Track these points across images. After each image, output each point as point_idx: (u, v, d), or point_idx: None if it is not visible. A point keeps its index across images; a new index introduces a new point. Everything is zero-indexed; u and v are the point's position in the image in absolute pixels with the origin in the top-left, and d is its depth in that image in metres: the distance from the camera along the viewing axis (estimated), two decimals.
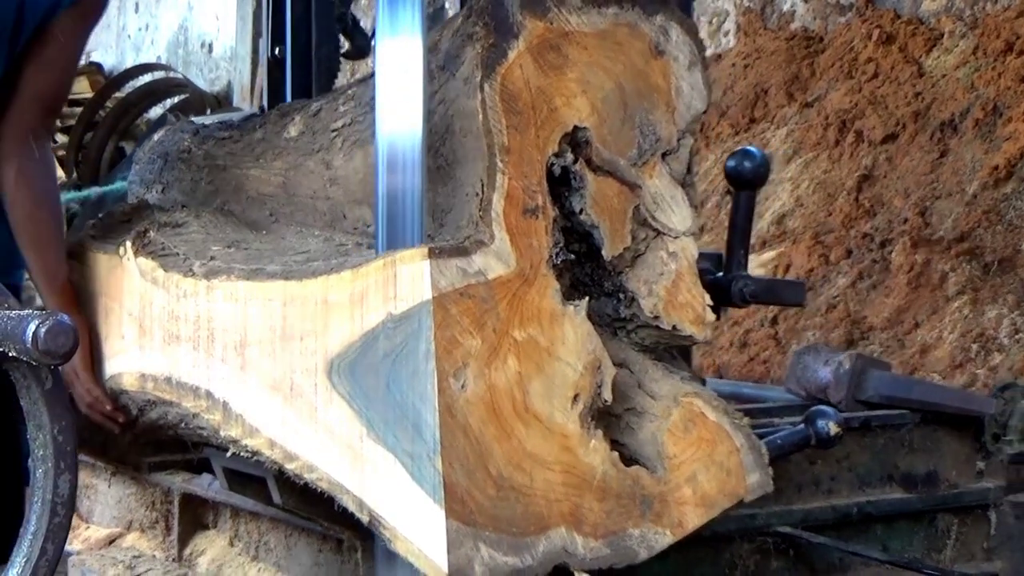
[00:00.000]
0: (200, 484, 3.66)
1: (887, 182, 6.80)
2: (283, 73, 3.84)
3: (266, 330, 2.34)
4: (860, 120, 7.17)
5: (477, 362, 2.11)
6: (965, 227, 6.21)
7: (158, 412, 2.73)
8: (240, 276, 2.45)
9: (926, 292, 6.07)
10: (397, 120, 2.18)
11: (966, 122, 6.68)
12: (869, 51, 7.50)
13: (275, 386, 2.32)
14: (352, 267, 2.17)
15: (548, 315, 2.18)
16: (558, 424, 2.17)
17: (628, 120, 2.29)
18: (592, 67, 2.26)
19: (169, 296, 2.63)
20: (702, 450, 2.30)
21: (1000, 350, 5.64)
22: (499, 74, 2.18)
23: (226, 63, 12.82)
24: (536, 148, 2.20)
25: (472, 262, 2.11)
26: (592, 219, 2.25)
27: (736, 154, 2.78)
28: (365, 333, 2.13)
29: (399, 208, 2.17)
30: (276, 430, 2.33)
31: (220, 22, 13.20)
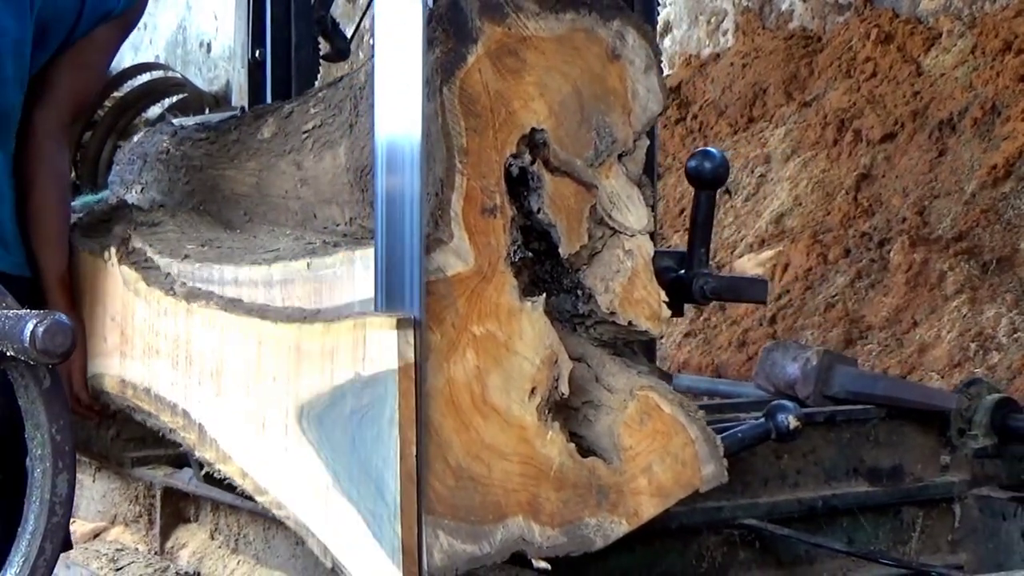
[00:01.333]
0: (181, 478, 3.73)
1: (885, 181, 6.84)
2: (263, 75, 3.90)
3: (241, 363, 2.43)
4: (858, 119, 7.21)
5: (436, 356, 2.18)
6: (963, 226, 6.25)
7: (140, 417, 2.81)
8: (218, 305, 2.52)
9: (924, 291, 6.14)
10: (396, 120, 2.21)
11: (964, 121, 6.72)
12: (867, 50, 7.54)
13: (248, 419, 2.40)
14: (324, 321, 2.24)
15: (506, 311, 2.25)
16: (516, 416, 2.25)
17: (585, 122, 2.36)
18: (550, 71, 2.33)
19: (150, 310, 2.71)
20: (657, 442, 2.37)
21: (999, 349, 5.72)
22: (458, 78, 2.25)
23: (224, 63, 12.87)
24: (494, 149, 2.27)
25: (431, 260, 2.19)
26: (549, 218, 2.32)
27: (696, 155, 2.85)
28: (334, 388, 2.21)
29: (398, 209, 2.20)
30: (248, 461, 2.42)
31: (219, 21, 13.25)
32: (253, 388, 2.39)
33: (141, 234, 2.87)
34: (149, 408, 2.70)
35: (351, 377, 2.18)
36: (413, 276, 2.16)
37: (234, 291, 2.57)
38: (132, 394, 2.75)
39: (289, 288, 2.45)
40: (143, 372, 2.73)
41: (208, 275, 2.64)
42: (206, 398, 2.53)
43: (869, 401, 3.53)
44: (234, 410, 2.45)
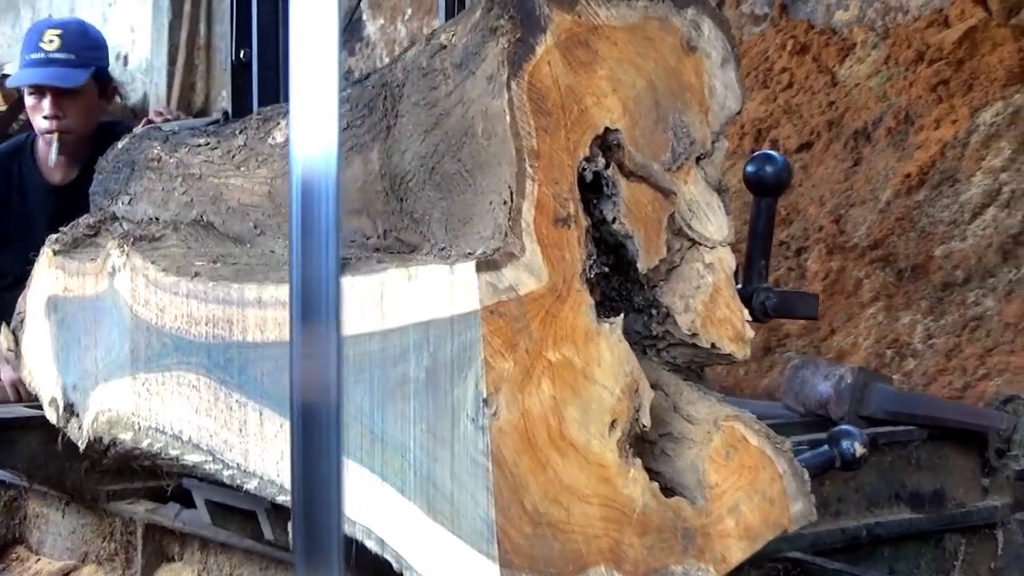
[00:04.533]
0: (166, 514, 3.45)
1: (802, 190, 6.79)
2: (248, 77, 3.63)
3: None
4: (775, 129, 7.16)
5: (510, 386, 1.92)
6: (879, 234, 6.22)
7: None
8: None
9: (841, 299, 6.09)
10: (311, 138, 1.92)
11: (879, 131, 6.71)
12: (783, 61, 7.46)
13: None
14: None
15: (583, 334, 2.00)
16: (595, 453, 1.99)
17: (661, 121, 2.11)
18: (623, 64, 2.08)
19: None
20: (744, 478, 2.13)
21: (914, 355, 5.68)
22: (526, 71, 1.99)
23: (142, 75, 12.56)
24: (566, 152, 2.02)
25: (502, 276, 1.93)
26: (626, 228, 2.07)
27: (756, 158, 2.61)
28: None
29: (314, 239, 1.92)
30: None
31: (135, 34, 12.95)
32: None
33: (141, 250, 2.58)
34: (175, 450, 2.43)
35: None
36: (329, 303, 1.87)
37: (257, 313, 2.29)
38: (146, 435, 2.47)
39: None
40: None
41: (225, 295, 2.36)
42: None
43: (910, 422, 3.31)
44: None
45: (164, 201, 2.90)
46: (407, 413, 2.02)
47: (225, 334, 2.36)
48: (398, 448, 2.03)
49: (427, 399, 1.98)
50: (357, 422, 2.10)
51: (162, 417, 2.54)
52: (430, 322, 1.98)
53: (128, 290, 2.62)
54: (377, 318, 2.07)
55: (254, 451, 2.31)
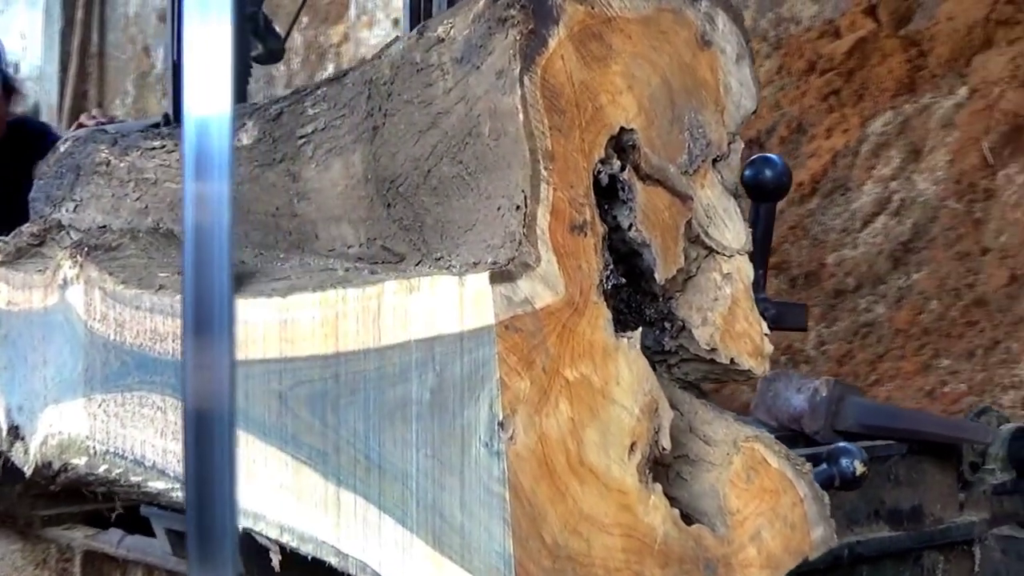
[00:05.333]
0: (107, 540, 3.25)
1: None
2: None
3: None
4: None
5: (527, 408, 1.76)
6: (772, 242, 6.26)
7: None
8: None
9: None
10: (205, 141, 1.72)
11: (772, 140, 6.77)
12: None
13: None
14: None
15: (601, 350, 1.84)
16: (615, 479, 1.84)
17: (677, 121, 1.97)
18: (637, 59, 1.94)
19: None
20: (766, 503, 1.99)
21: (807, 361, 5.71)
22: (539, 66, 1.84)
23: (33, 83, 12.30)
24: (581, 153, 1.87)
25: (518, 288, 1.77)
26: (643, 236, 1.92)
27: (755, 162, 2.48)
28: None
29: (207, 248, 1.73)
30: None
31: (26, 41, 12.68)
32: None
33: (96, 260, 2.39)
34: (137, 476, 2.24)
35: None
36: (223, 312, 1.72)
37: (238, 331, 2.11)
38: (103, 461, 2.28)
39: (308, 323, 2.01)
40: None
41: None
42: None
43: (888, 436, 3.19)
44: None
45: (115, 208, 2.71)
46: (408, 437, 1.86)
47: None
48: (398, 475, 1.87)
49: (432, 422, 1.82)
50: (350, 447, 1.94)
51: (122, 441, 2.35)
52: (435, 338, 1.82)
53: (82, 304, 2.42)
54: (373, 334, 1.91)
55: None
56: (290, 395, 2.03)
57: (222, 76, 1.77)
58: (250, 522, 2.11)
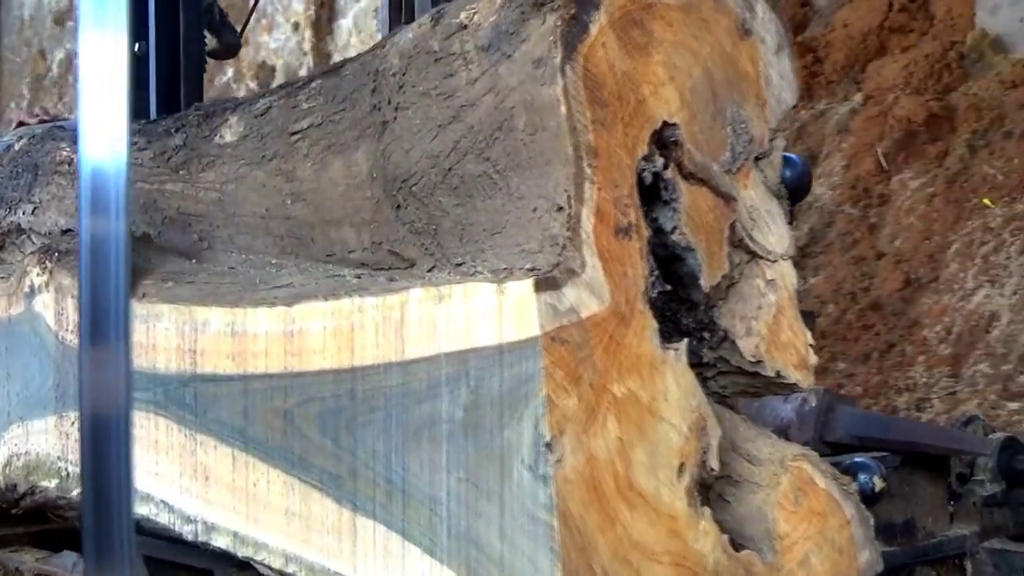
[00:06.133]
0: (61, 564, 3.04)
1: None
2: (146, 71, 3.25)
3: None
4: None
5: (574, 427, 1.61)
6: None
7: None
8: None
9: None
10: (100, 146, 1.84)
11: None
12: None
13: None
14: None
15: (648, 363, 1.70)
16: (665, 503, 1.69)
17: (719, 115, 1.83)
18: (678, 48, 1.80)
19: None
20: (814, 526, 1.85)
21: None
22: (580, 54, 1.69)
23: None
24: (624, 149, 1.72)
25: (563, 297, 1.62)
26: (688, 239, 1.78)
27: None
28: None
29: (103, 253, 1.81)
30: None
31: None
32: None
33: (68, 267, 2.21)
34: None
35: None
36: (119, 318, 1.78)
37: (230, 342, 1.94)
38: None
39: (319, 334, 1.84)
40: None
41: (186, 320, 2.01)
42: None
43: (881, 447, 3.07)
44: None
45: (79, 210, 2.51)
46: (438, 459, 1.70)
47: (186, 366, 2.01)
48: (426, 501, 1.71)
49: (466, 442, 1.67)
50: (369, 469, 1.77)
51: None
52: (470, 351, 1.66)
53: (52, 314, 2.24)
54: (395, 347, 1.74)
55: (226, 503, 1.96)
56: (297, 413, 1.87)
57: (118, 77, 1.70)
58: (250, 551, 1.94)
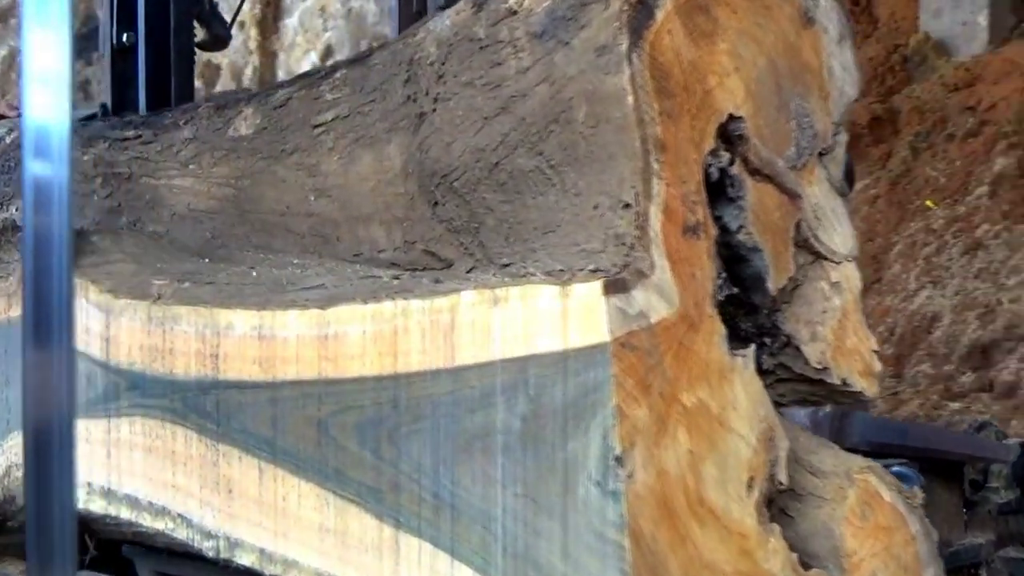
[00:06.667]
0: None
1: None
2: (134, 62, 3.12)
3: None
4: None
5: (645, 440, 1.51)
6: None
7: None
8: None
9: None
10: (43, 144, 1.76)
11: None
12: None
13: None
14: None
15: (717, 371, 1.60)
16: (735, 520, 1.59)
17: (783, 108, 1.73)
18: (743, 36, 1.69)
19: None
20: (880, 542, 1.76)
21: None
22: (647, 41, 1.58)
23: None
24: (691, 143, 1.62)
25: (633, 300, 1.52)
26: (755, 239, 1.67)
27: None
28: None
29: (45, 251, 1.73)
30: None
31: None
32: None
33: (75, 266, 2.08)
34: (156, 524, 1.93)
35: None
36: (62, 317, 1.70)
37: (257, 346, 1.83)
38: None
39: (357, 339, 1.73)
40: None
41: (207, 323, 1.89)
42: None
43: (898, 454, 2.98)
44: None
45: (79, 205, 2.39)
46: (492, 473, 1.59)
47: (207, 372, 1.89)
48: (477, 517, 1.60)
49: (524, 455, 1.56)
50: (413, 483, 1.66)
51: (109, 474, 2.04)
52: (529, 358, 1.55)
53: None
54: (444, 352, 1.63)
55: (252, 518, 1.85)
56: (332, 423, 1.75)
57: (62, 76, 1.64)
58: (278, 569, 1.82)
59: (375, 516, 1.71)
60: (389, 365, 1.69)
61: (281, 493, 1.81)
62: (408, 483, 1.67)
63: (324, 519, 1.77)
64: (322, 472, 1.76)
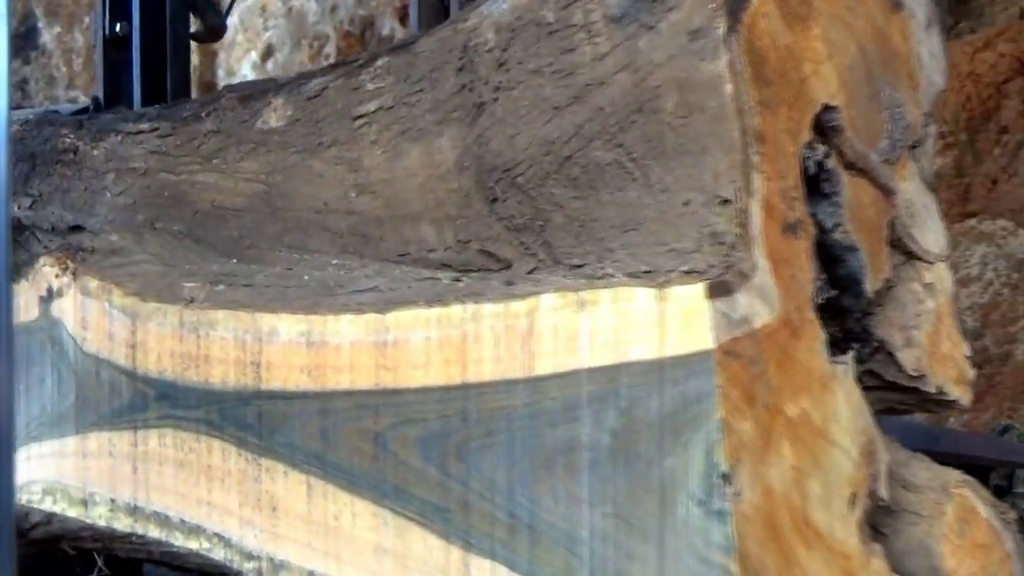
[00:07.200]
0: None
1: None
2: (128, 53, 2.98)
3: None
4: None
5: (751, 455, 1.39)
6: None
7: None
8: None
9: None
10: None
11: None
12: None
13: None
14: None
15: (819, 380, 1.48)
16: (839, 540, 1.48)
17: (875, 98, 1.62)
18: (835, 21, 1.58)
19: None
20: (978, 560, 1.65)
21: None
22: (744, 24, 1.47)
23: None
24: (788, 135, 1.50)
25: (736, 304, 1.40)
26: (851, 238, 1.56)
27: None
28: None
29: None
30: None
31: None
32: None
33: (96, 267, 1.95)
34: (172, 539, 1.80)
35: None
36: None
37: (306, 356, 1.70)
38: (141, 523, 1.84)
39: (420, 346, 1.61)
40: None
41: (248, 328, 1.76)
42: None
43: None
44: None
45: (88, 203, 2.25)
46: (576, 491, 1.47)
47: (248, 381, 1.76)
48: (560, 539, 1.48)
49: (614, 472, 1.44)
50: (485, 501, 1.54)
51: (136, 489, 1.91)
52: (620, 367, 1.44)
53: (76, 320, 1.98)
54: (521, 361, 1.51)
55: (299, 538, 1.72)
56: (391, 436, 1.63)
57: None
58: None
59: (441, 536, 1.59)
60: (457, 374, 1.57)
61: (332, 511, 1.69)
62: (479, 501, 1.55)
63: (381, 539, 1.64)
64: (380, 489, 1.64)
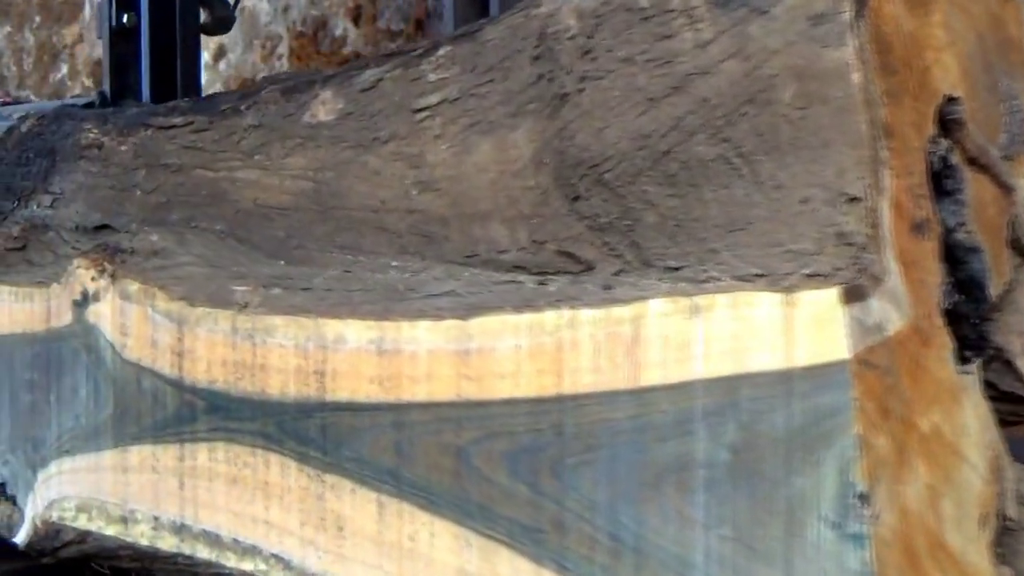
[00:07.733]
0: None
1: None
2: (136, 44, 2.86)
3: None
4: None
5: (888, 474, 1.29)
6: None
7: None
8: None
9: None
10: None
11: None
12: None
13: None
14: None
15: (949, 391, 1.38)
16: (971, 564, 1.38)
17: (993, 89, 1.52)
18: (953, 7, 1.48)
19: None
20: None
21: None
22: (871, 8, 1.36)
23: None
24: (913, 128, 1.40)
25: (870, 310, 1.29)
26: (975, 239, 1.46)
27: None
28: None
29: None
30: None
31: None
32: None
33: (138, 270, 1.83)
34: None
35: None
36: None
37: (377, 365, 1.58)
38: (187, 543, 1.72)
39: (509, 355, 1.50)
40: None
41: (310, 335, 1.65)
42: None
43: None
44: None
45: (117, 201, 2.13)
46: (689, 512, 1.36)
47: (311, 392, 1.64)
48: (670, 563, 1.37)
49: (734, 492, 1.33)
50: (584, 522, 1.43)
51: (182, 507, 1.79)
52: (740, 378, 1.33)
53: (115, 326, 1.85)
54: (626, 371, 1.40)
55: (368, 560, 1.60)
56: (475, 451, 1.51)
57: None
58: None
59: (532, 560, 1.48)
60: (551, 385, 1.46)
61: (407, 532, 1.57)
62: (576, 522, 1.44)
63: (464, 562, 1.53)
64: (462, 508, 1.53)
